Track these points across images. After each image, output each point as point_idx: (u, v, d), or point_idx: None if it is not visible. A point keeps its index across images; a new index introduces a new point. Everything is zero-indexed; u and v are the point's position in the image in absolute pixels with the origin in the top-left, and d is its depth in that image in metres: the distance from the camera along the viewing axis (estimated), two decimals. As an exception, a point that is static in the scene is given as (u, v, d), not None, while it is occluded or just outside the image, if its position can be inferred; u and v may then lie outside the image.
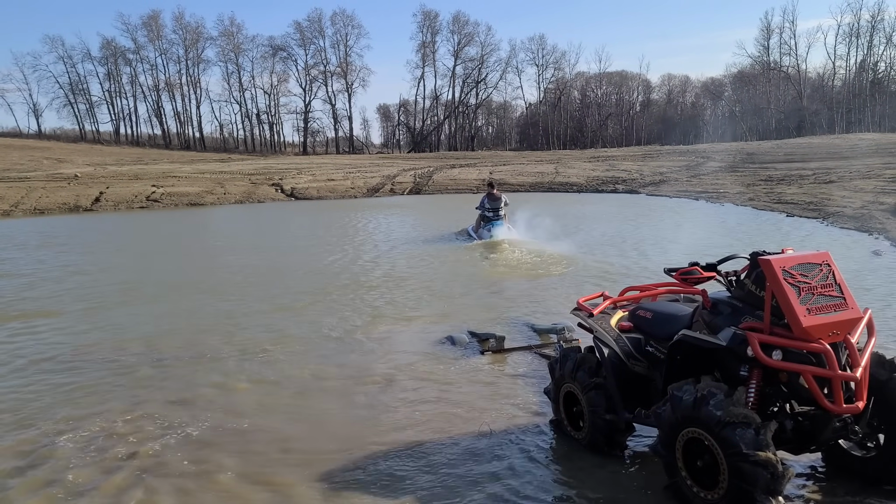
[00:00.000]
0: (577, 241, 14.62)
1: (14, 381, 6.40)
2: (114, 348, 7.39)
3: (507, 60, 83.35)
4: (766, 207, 20.99)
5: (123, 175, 36.85)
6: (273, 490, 4.20)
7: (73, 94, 74.70)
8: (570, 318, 6.77)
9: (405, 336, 7.72)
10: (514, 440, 4.78)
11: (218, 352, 7.16)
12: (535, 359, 6.75)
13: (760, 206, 21.51)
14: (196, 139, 77.57)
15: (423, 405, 5.54)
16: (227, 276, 12.06)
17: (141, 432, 5.06)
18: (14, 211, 29.01)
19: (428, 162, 47.75)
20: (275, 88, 79.90)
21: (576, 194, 31.35)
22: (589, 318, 4.55)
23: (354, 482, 4.23)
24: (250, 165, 44.37)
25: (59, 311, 9.41)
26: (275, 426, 5.19)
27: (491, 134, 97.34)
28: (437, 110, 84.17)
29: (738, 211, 21.22)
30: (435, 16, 79.99)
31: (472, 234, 16.77)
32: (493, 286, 10.43)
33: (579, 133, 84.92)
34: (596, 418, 4.30)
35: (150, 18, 74.14)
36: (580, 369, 4.47)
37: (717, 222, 18.24)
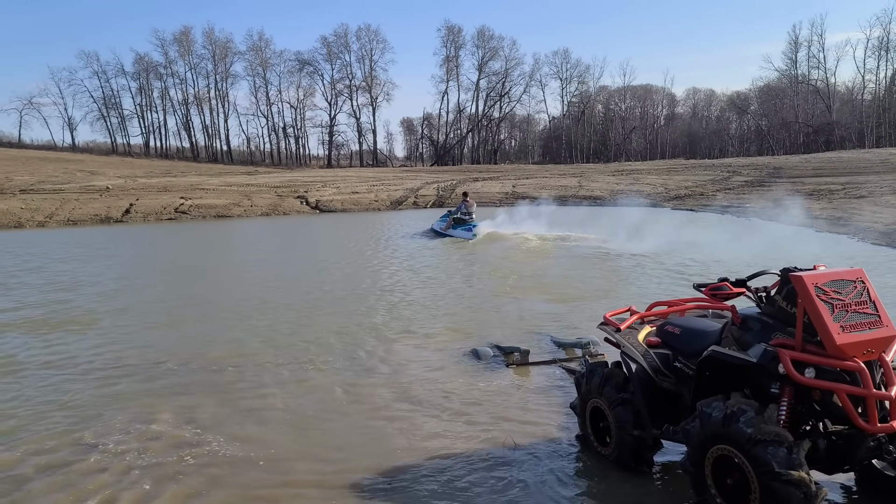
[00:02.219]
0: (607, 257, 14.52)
1: (80, 384, 6.54)
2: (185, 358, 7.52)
3: (530, 74, 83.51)
4: (794, 222, 20.70)
5: (153, 187, 37.46)
6: (296, 500, 4.22)
7: (105, 108, 76.33)
8: (596, 333, 6.76)
9: (429, 349, 7.72)
10: (539, 455, 4.76)
11: (240, 365, 7.22)
12: (560, 373, 6.71)
13: (788, 220, 21.23)
14: (223, 152, 78.63)
15: (446, 418, 5.55)
16: (257, 289, 12.17)
17: (173, 438, 5.14)
18: (49, 222, 29.64)
19: (451, 175, 47.89)
20: (301, 102, 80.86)
21: (599, 207, 31.16)
22: (616, 332, 4.52)
23: (378, 494, 4.24)
24: (276, 178, 44.85)
25: (110, 319, 9.59)
26: (300, 437, 5.22)
27: (514, 147, 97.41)
28: (460, 124, 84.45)
29: (765, 226, 20.95)
30: (458, 30, 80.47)
31: (440, 231, 20.90)
32: (520, 300, 10.39)
33: (603, 147, 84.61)
34: (623, 434, 4.27)
35: (181, 34, 75.59)
36: (607, 384, 4.44)
37: (744, 237, 18.01)
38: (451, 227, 20.76)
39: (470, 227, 20.10)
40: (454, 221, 20.84)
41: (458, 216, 20.92)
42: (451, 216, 21.20)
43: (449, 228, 20.76)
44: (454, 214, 21.12)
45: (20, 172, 44.19)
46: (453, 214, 21.17)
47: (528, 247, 17.25)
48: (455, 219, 20.87)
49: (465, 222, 20.63)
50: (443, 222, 21.67)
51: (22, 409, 5.95)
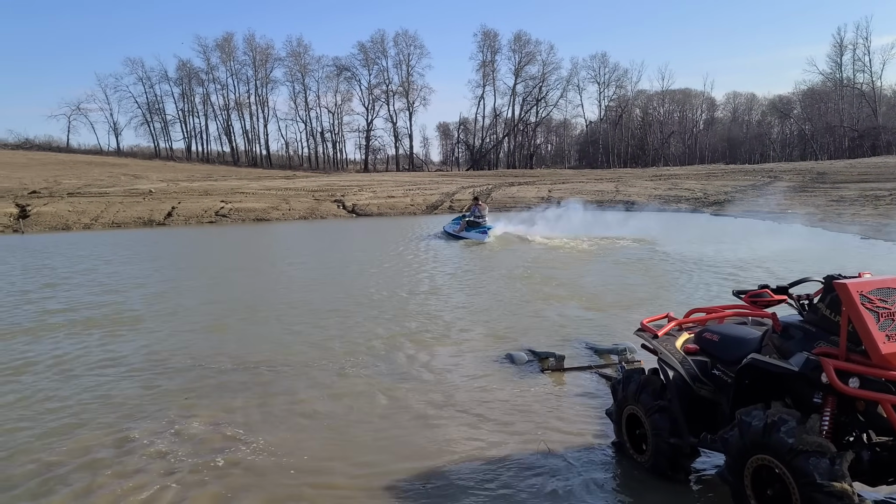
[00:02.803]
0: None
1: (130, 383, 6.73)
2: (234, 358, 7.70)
3: (567, 78, 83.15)
4: (838, 229, 20.20)
5: (194, 191, 38.26)
6: (332, 502, 4.27)
7: (149, 114, 78.40)
8: (632, 339, 6.71)
9: (464, 353, 7.73)
10: (574, 461, 4.73)
11: (280, 367, 7.33)
12: (595, 379, 6.66)
13: (832, 227, 20.72)
14: (263, 156, 79.92)
15: (480, 422, 5.54)
16: (297, 292, 12.34)
17: (211, 438, 5.25)
18: (94, 224, 30.50)
19: (487, 179, 47.89)
20: (339, 107, 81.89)
21: (636, 212, 30.82)
22: (653, 339, 4.47)
23: (412, 497, 4.26)
24: (314, 182, 45.42)
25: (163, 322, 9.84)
26: (335, 441, 5.25)
27: (550, 152, 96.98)
28: (496, 128, 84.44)
29: (808, 232, 20.48)
30: (495, 35, 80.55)
31: (453, 233, 22.10)
32: (556, 305, 10.34)
33: (640, 151, 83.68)
34: (660, 441, 4.22)
35: (223, 40, 77.21)
36: (644, 391, 4.40)
37: (785, 243, 17.64)
38: (464, 229, 21.90)
39: (485, 230, 21.22)
40: (468, 224, 22.02)
41: (472, 219, 22.17)
42: (464, 219, 22.55)
43: (462, 231, 21.88)
44: (467, 218, 22.44)
45: (68, 176, 45.58)
46: (466, 218, 22.49)
47: (567, 250, 17.16)
48: (469, 222, 22.06)
49: (478, 225, 21.78)
50: (455, 224, 22.93)
51: (68, 406, 6.13)
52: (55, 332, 9.17)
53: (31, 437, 5.38)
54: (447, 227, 23.59)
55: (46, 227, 30.25)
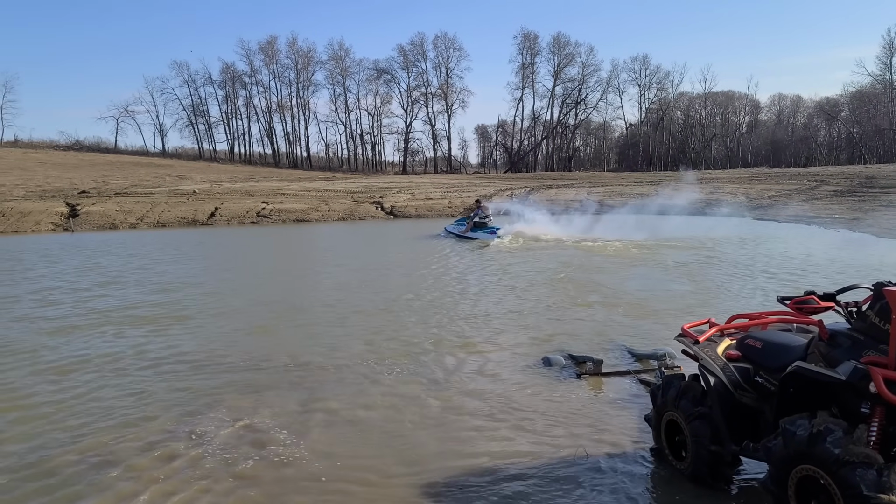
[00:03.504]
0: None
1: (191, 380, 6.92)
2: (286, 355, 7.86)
3: (607, 81, 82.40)
4: (888, 235, 19.60)
5: (237, 192, 38.97)
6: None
7: (194, 116, 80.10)
8: (672, 345, 6.64)
9: (500, 356, 7.71)
10: (613, 466, 4.70)
11: (322, 368, 7.43)
12: (634, 384, 6.60)
13: (881, 232, 20.11)
14: (303, 158, 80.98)
15: (517, 426, 5.53)
16: (342, 294, 12.49)
17: (248, 435, 5.36)
18: (140, 224, 31.29)
19: (525, 182, 47.74)
20: (378, 110, 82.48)
21: (676, 216, 30.36)
22: (694, 345, 4.42)
23: (449, 501, 4.28)
24: (353, 184, 45.86)
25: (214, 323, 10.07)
26: (370, 443, 5.28)
27: (589, 154, 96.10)
28: (534, 130, 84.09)
29: (855, 238, 19.93)
30: (535, 37, 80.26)
31: (459, 234, 22.96)
32: (593, 309, 10.26)
33: (681, 154, 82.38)
34: (700, 449, 4.17)
35: (267, 44, 78.50)
36: (684, 397, 4.35)
37: (832, 249, 17.19)
38: (470, 230, 22.81)
39: (493, 230, 22.15)
40: (475, 225, 22.89)
41: (478, 220, 23.05)
42: (468, 221, 23.51)
43: (468, 232, 22.77)
44: (473, 219, 23.32)
45: (115, 177, 46.85)
46: (472, 219, 23.37)
47: (605, 253, 17.01)
48: (475, 223, 22.93)
49: (485, 225, 22.77)
50: (460, 225, 23.91)
51: (115, 401, 6.32)
52: (103, 328, 9.45)
53: (79, 431, 5.57)
54: (450, 227, 24.44)
55: (95, 226, 31.13)
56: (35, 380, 6.99)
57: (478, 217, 23.35)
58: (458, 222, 24.89)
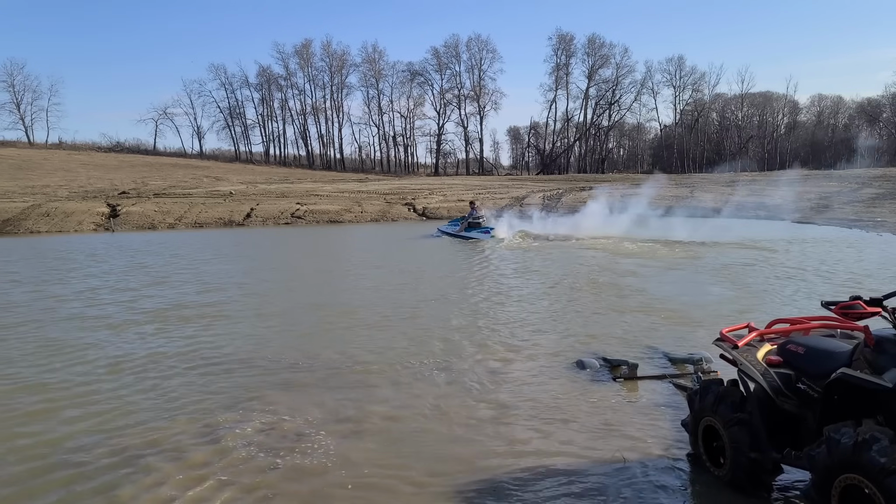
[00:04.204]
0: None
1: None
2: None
3: (642, 82, 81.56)
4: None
5: (272, 193, 39.48)
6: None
7: (230, 118, 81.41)
8: (709, 349, 6.54)
9: (533, 358, 7.66)
10: (649, 472, 4.64)
11: (351, 370, 7.48)
12: (669, 389, 6.51)
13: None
14: (337, 160, 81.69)
15: (551, 431, 5.48)
16: (376, 296, 12.57)
17: (279, 432, 5.43)
18: (178, 224, 31.89)
19: (557, 184, 47.48)
20: (411, 112, 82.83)
21: (712, 219, 29.88)
22: (733, 349, 4.35)
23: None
24: (386, 185, 46.13)
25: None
26: (402, 445, 5.27)
27: (622, 156, 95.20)
28: (567, 132, 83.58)
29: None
30: (570, 39, 79.83)
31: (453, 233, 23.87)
32: (627, 312, 10.15)
33: (717, 156, 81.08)
34: (739, 456, 4.09)
35: (302, 47, 79.44)
36: (722, 403, 4.27)
37: (875, 254, 16.75)
38: (464, 230, 23.97)
39: (487, 230, 23.42)
40: (469, 225, 24.10)
41: (472, 221, 24.28)
42: (463, 221, 24.79)
43: (462, 231, 23.91)
44: (467, 220, 24.58)
45: (154, 178, 47.82)
46: (466, 220, 24.66)
47: (655, 255, 16.82)
48: (469, 223, 24.16)
49: (479, 225, 23.97)
50: (455, 225, 25.08)
51: (154, 398, 6.46)
52: (143, 326, 9.66)
53: (118, 424, 5.70)
54: (444, 227, 25.68)
55: (134, 226, 31.82)
56: (81, 377, 7.16)
57: (472, 217, 24.49)
58: (452, 223, 26.01)
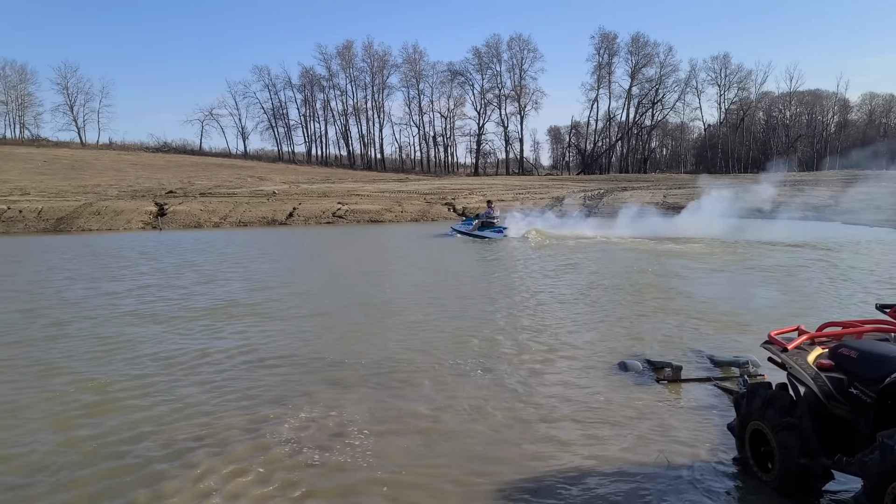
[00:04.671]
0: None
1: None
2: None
3: (686, 81, 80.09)
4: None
5: (313, 193, 40.01)
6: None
7: (274, 119, 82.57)
8: (755, 352, 6.44)
9: (575, 359, 7.63)
10: (694, 475, 4.60)
11: (384, 368, 7.55)
12: (714, 392, 6.43)
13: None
14: (377, 160, 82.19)
15: (594, 433, 5.46)
16: (420, 295, 12.66)
17: (319, 429, 5.52)
18: (223, 223, 32.55)
19: (598, 184, 47.03)
20: (451, 112, 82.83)
21: (759, 219, 29.23)
22: (782, 352, 4.27)
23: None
24: (425, 185, 46.29)
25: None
26: (445, 445, 5.29)
27: (665, 156, 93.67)
28: (609, 132, 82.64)
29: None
30: (613, 37, 78.85)
31: (467, 232, 24.56)
32: (670, 313, 10.02)
33: (763, 156, 79.19)
34: (788, 461, 4.02)
35: (343, 48, 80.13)
36: (770, 407, 4.21)
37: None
38: (478, 229, 24.56)
39: (500, 230, 24.04)
40: (482, 224, 24.70)
41: (486, 220, 24.91)
42: (477, 220, 25.41)
43: (476, 230, 24.49)
44: (482, 219, 25.21)
45: (200, 177, 48.88)
46: (481, 219, 25.26)
47: (698, 255, 16.58)
48: (483, 222, 24.80)
49: (492, 225, 24.54)
50: (468, 225, 25.59)
51: (202, 393, 6.63)
52: (202, 323, 9.93)
53: (168, 418, 5.88)
54: (457, 226, 26.21)
55: (181, 225, 32.58)
56: (134, 372, 7.39)
57: (486, 217, 25.06)
58: (466, 222, 26.49)
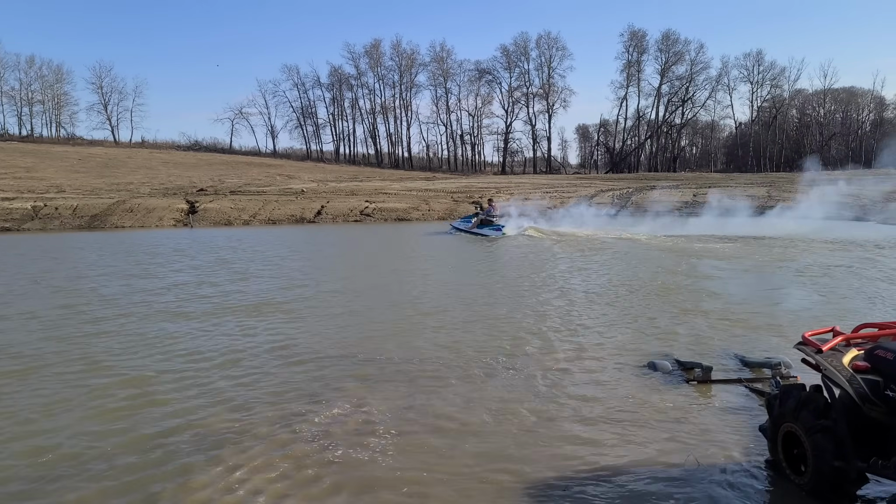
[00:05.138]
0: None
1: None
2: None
3: (717, 78, 78.97)
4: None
5: (341, 191, 40.29)
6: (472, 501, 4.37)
7: (303, 118, 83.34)
8: (789, 353, 6.36)
9: (604, 359, 7.60)
10: (724, 477, 4.55)
11: (415, 366, 7.60)
12: (744, 393, 6.36)
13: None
14: (405, 158, 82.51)
15: (623, 432, 5.44)
16: (450, 294, 12.70)
17: (347, 425, 5.59)
18: (252, 220, 32.94)
19: (627, 183, 46.64)
20: (479, 110, 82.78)
21: (792, 219, 28.73)
22: (817, 354, 4.22)
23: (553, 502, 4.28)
24: (453, 184, 46.34)
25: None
26: (475, 443, 5.29)
27: (695, 155, 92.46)
28: (638, 130, 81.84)
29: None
30: (643, 35, 78.10)
31: (465, 229, 25.50)
32: (701, 313, 9.92)
33: (796, 154, 77.76)
34: (822, 464, 3.97)
35: (371, 47, 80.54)
36: (804, 409, 4.15)
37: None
38: (476, 226, 25.33)
39: (498, 227, 24.91)
40: (482, 222, 25.46)
41: (486, 218, 25.70)
42: (476, 217, 26.06)
43: (475, 227, 25.31)
44: (481, 216, 25.97)
45: (230, 176, 49.50)
46: (480, 216, 26.01)
47: (727, 254, 16.39)
48: (483, 220, 25.57)
49: (491, 223, 25.33)
50: (467, 222, 26.30)
51: (236, 386, 6.75)
52: (235, 319, 10.10)
53: (200, 413, 6.01)
54: (456, 223, 27.07)
55: (211, 223, 33.05)
56: (170, 366, 7.56)
57: (486, 215, 25.91)
58: (464, 220, 27.20)
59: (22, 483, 4.62)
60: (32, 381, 6.89)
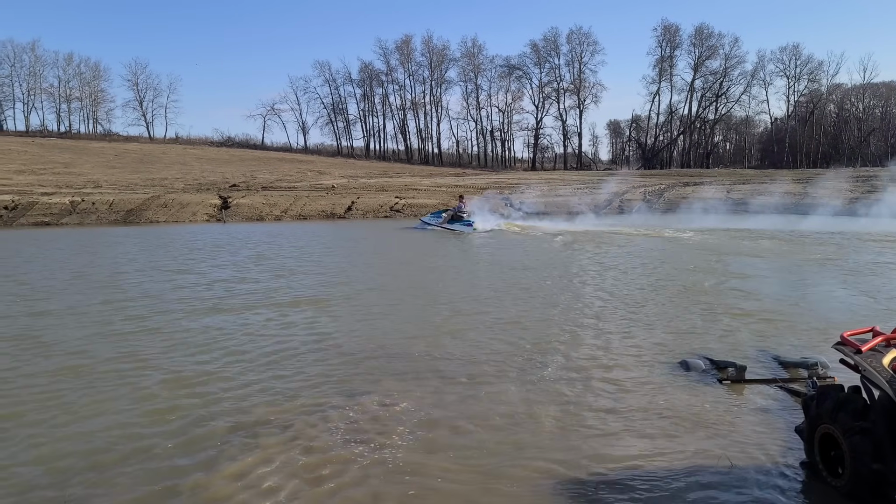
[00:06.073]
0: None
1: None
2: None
3: (752, 73, 77.43)
4: None
5: (371, 187, 40.50)
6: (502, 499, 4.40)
7: (334, 114, 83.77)
8: (827, 353, 6.27)
9: (636, 358, 7.56)
10: (759, 478, 4.51)
11: (447, 364, 7.64)
12: (779, 394, 6.28)
13: None
14: (435, 154, 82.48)
15: (656, 431, 5.42)
16: (483, 294, 12.73)
17: (370, 418, 5.65)
18: (284, 216, 33.30)
19: (659, 179, 46.09)
20: (509, 106, 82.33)
21: (829, 216, 28.16)
22: (856, 354, 4.16)
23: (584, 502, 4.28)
24: (483, 180, 46.28)
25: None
26: (504, 440, 5.30)
27: (729, 150, 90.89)
28: (670, 126, 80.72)
29: None
30: (676, 29, 76.78)
31: (436, 225, 26.31)
32: (734, 312, 9.80)
33: (833, 150, 75.98)
34: (860, 466, 3.92)
35: (402, 43, 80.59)
36: (842, 410, 4.10)
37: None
38: (446, 222, 26.29)
39: (469, 223, 25.89)
40: (452, 218, 26.36)
41: (456, 214, 26.63)
42: (446, 213, 27.04)
43: (445, 223, 26.21)
44: (451, 212, 26.91)
45: (262, 171, 50.08)
46: (450, 212, 26.98)
47: (768, 250, 16.16)
48: (453, 216, 26.47)
49: (461, 219, 26.25)
50: (437, 217, 27.19)
51: (272, 379, 6.85)
52: (275, 313, 10.25)
53: (232, 405, 6.11)
54: (426, 219, 27.93)
55: (243, 218, 33.48)
56: (210, 359, 7.71)
57: (457, 211, 26.82)
58: (434, 215, 28.03)
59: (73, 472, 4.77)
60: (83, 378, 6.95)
